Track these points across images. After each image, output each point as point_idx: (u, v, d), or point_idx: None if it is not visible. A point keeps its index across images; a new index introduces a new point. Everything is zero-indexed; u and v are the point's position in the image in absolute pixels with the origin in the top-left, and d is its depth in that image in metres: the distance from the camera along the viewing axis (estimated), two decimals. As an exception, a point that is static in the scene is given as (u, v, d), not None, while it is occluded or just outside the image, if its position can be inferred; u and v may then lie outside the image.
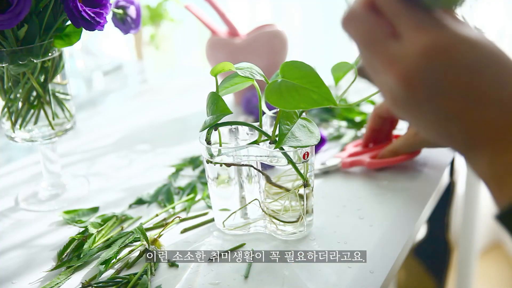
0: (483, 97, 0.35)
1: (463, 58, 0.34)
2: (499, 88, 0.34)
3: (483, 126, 0.35)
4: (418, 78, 0.35)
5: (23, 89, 0.66)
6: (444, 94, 0.35)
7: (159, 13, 1.23)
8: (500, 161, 0.35)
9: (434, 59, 0.34)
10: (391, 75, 0.36)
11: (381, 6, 0.37)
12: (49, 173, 0.75)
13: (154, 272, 0.57)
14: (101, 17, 0.62)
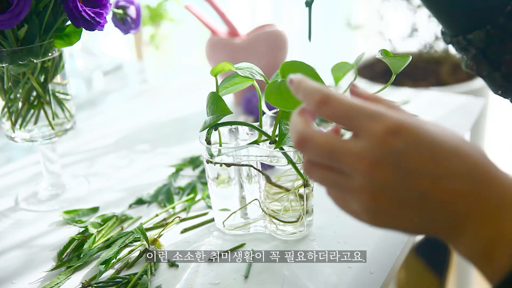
0: (447, 171, 0.36)
1: (419, 138, 0.36)
2: (459, 162, 0.36)
3: (458, 201, 0.36)
4: (384, 163, 0.36)
5: (23, 89, 0.66)
6: (413, 174, 0.36)
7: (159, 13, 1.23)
8: (484, 236, 0.35)
9: (392, 142, 0.36)
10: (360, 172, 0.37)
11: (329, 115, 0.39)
12: (49, 173, 0.75)
13: (154, 272, 0.57)
14: (101, 17, 0.62)
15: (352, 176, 0.38)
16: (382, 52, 0.55)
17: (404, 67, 0.55)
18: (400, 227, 0.39)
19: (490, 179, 0.36)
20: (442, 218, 0.36)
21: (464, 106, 0.96)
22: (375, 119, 0.37)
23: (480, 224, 0.35)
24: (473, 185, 0.36)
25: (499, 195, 0.36)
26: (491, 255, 0.35)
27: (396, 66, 0.55)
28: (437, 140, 0.37)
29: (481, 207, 0.35)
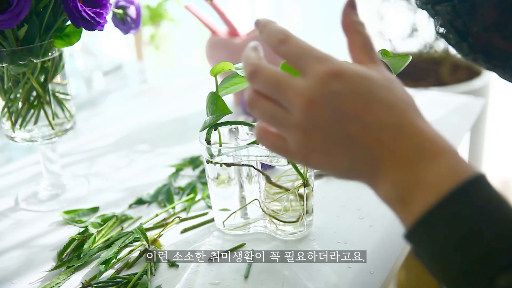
0: (377, 121, 0.38)
1: (357, 85, 0.38)
2: (391, 114, 0.38)
3: (382, 148, 0.38)
4: (319, 102, 0.38)
5: (23, 89, 0.66)
6: (345, 117, 0.38)
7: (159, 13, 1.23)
8: (402, 182, 0.37)
9: (330, 84, 0.38)
10: (298, 108, 0.39)
11: (284, 53, 0.42)
12: (49, 173, 0.75)
13: (154, 272, 0.57)
14: (101, 17, 0.62)
15: (291, 112, 0.40)
16: (382, 52, 0.55)
17: (404, 67, 0.55)
18: (329, 167, 0.41)
19: (416, 133, 0.38)
20: (366, 163, 0.39)
21: (464, 106, 0.96)
22: (321, 61, 0.39)
23: (399, 171, 0.37)
24: (399, 137, 0.38)
25: (421, 147, 0.37)
26: (407, 200, 0.37)
27: (396, 66, 0.55)
28: (376, 91, 0.39)
29: (402, 156, 0.37)
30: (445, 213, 0.35)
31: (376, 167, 0.39)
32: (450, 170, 0.36)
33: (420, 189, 0.36)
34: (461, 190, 0.35)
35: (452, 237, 0.35)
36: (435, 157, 0.37)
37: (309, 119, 0.39)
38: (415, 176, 0.37)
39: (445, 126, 0.88)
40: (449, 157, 0.37)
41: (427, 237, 0.36)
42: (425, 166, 0.37)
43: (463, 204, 0.35)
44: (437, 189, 0.36)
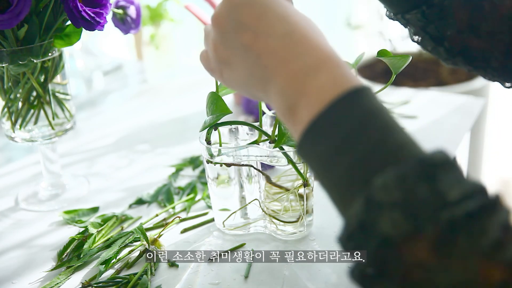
0: (269, 29, 0.39)
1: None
2: (284, 24, 0.39)
3: (270, 57, 0.39)
4: (222, 14, 0.42)
5: (23, 89, 0.66)
6: (240, 27, 0.40)
7: (159, 13, 1.23)
8: (289, 91, 0.38)
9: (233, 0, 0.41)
10: (211, 24, 0.43)
11: None
12: (49, 173, 0.75)
13: (154, 272, 0.57)
14: (101, 17, 0.62)
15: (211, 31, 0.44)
16: (382, 52, 0.55)
17: (404, 67, 0.55)
18: (235, 81, 0.43)
19: (304, 42, 0.39)
20: (258, 72, 0.40)
21: (464, 106, 0.96)
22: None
23: (287, 80, 0.38)
24: (287, 45, 0.39)
25: (308, 56, 0.38)
26: (295, 110, 0.38)
27: (396, 66, 0.55)
28: (272, 4, 0.40)
29: (289, 65, 0.38)
30: (327, 121, 0.36)
31: (267, 76, 0.40)
32: (335, 79, 0.37)
33: (305, 98, 0.37)
34: (343, 98, 0.36)
35: (333, 143, 0.35)
36: (321, 66, 0.37)
37: (216, 31, 0.42)
38: (301, 85, 0.37)
39: (445, 126, 0.88)
40: (335, 67, 0.37)
41: (312, 145, 0.36)
42: (310, 75, 0.37)
43: (344, 112, 0.35)
44: (320, 98, 0.36)
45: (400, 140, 0.35)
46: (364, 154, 0.34)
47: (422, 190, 0.32)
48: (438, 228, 0.30)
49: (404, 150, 0.34)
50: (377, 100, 0.37)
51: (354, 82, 0.37)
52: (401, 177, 0.32)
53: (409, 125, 0.89)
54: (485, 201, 0.31)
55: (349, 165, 0.34)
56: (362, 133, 0.35)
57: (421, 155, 0.34)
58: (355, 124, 0.35)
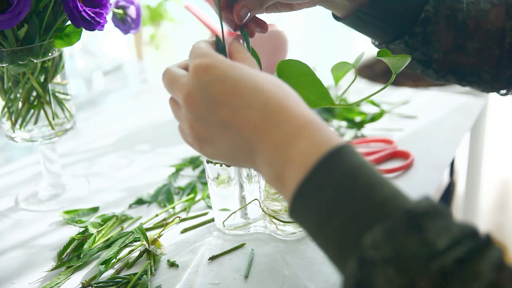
0: (245, 103, 0.40)
1: (224, 73, 0.41)
2: (258, 95, 0.40)
3: (251, 129, 0.40)
4: (194, 93, 0.41)
5: (23, 89, 0.66)
6: (216, 104, 0.41)
7: (159, 13, 1.23)
8: (274, 160, 0.39)
9: (201, 76, 0.41)
10: (181, 102, 0.43)
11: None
12: (49, 173, 0.75)
13: (154, 272, 0.57)
14: (101, 17, 0.62)
15: (181, 107, 0.43)
16: (381, 52, 0.55)
17: (404, 67, 0.55)
18: (219, 156, 0.44)
19: (281, 110, 0.39)
20: (242, 145, 0.41)
21: (464, 106, 0.96)
22: (199, 57, 0.42)
23: (270, 150, 0.39)
24: (265, 116, 0.39)
25: (287, 125, 0.39)
26: (282, 178, 0.39)
27: (396, 66, 0.55)
28: (242, 76, 0.41)
29: (270, 136, 0.39)
30: (312, 184, 0.36)
31: (252, 149, 0.40)
32: (314, 143, 0.38)
33: (290, 165, 0.38)
34: (324, 160, 0.37)
35: (321, 206, 0.36)
36: (300, 132, 0.38)
37: (190, 111, 0.42)
38: (284, 153, 0.38)
39: (445, 126, 0.88)
40: (312, 130, 0.38)
41: (303, 210, 0.37)
42: (291, 143, 0.38)
43: (327, 173, 0.36)
44: (303, 164, 0.37)
45: (385, 194, 0.35)
46: (351, 214, 0.35)
47: (411, 242, 0.32)
48: (431, 278, 0.31)
49: (389, 204, 0.34)
50: (358, 155, 0.37)
51: (334, 142, 0.38)
52: (389, 232, 0.33)
53: (409, 125, 0.89)
54: (474, 243, 0.32)
55: (339, 227, 0.35)
56: (346, 193, 0.35)
57: (406, 206, 0.34)
58: (339, 185, 0.36)
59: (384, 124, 0.89)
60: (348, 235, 0.35)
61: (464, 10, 0.57)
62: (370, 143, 0.83)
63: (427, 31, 0.57)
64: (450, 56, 0.58)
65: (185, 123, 0.43)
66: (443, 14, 0.57)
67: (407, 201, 0.35)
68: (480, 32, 0.56)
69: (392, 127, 0.88)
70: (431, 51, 0.58)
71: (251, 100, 0.40)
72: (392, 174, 0.73)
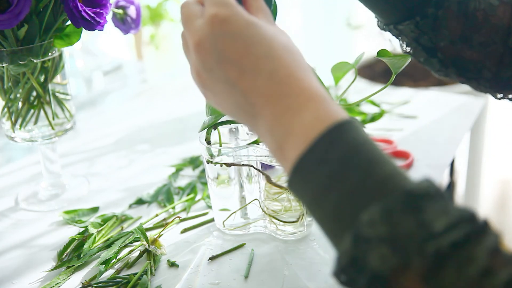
0: (254, 67, 0.39)
1: (239, 30, 0.40)
2: (269, 61, 0.39)
3: (256, 95, 0.39)
4: (206, 44, 0.40)
5: (23, 89, 0.66)
6: (225, 61, 0.40)
7: (159, 13, 1.23)
8: (276, 130, 0.39)
9: (215, 28, 0.40)
10: (191, 45, 0.42)
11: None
12: (49, 173, 0.75)
13: (154, 272, 0.57)
14: (101, 17, 0.62)
15: (190, 51, 0.42)
16: (381, 52, 0.55)
17: (404, 67, 0.55)
18: (220, 107, 0.43)
19: (289, 81, 0.39)
20: (245, 108, 0.40)
21: (464, 106, 0.96)
22: (217, 5, 0.41)
23: (273, 119, 0.39)
24: (272, 84, 0.39)
25: (293, 96, 0.38)
26: (283, 148, 0.38)
27: (396, 66, 0.55)
28: (258, 37, 0.40)
29: (274, 105, 0.39)
30: (313, 158, 0.36)
31: (254, 113, 0.40)
32: (318, 117, 0.37)
33: (292, 137, 0.38)
34: (326, 135, 0.36)
35: (320, 181, 0.36)
36: (305, 105, 0.38)
37: (198, 59, 0.41)
38: (287, 124, 0.38)
39: (445, 126, 0.88)
40: (318, 104, 0.38)
41: (302, 183, 0.37)
42: (295, 114, 0.38)
43: (328, 148, 0.36)
44: (305, 137, 0.37)
45: (385, 172, 0.35)
46: (350, 190, 0.35)
47: (408, 223, 0.32)
48: (425, 260, 0.31)
49: (389, 183, 0.34)
50: (361, 132, 0.37)
51: (338, 117, 0.37)
52: (386, 212, 0.32)
53: (409, 125, 0.89)
54: (471, 228, 0.31)
55: (337, 202, 0.35)
56: (346, 169, 0.35)
57: (406, 186, 0.34)
58: (339, 160, 0.35)
59: (384, 124, 0.89)
60: (345, 211, 0.34)
61: (476, 0, 0.57)
62: None
63: (439, 15, 0.57)
64: (455, 46, 0.58)
65: (193, 68, 0.43)
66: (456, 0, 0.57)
67: (407, 181, 0.35)
68: (487, 26, 0.56)
69: (392, 127, 0.88)
70: (438, 38, 0.58)
71: (260, 65, 0.39)
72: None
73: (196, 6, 0.43)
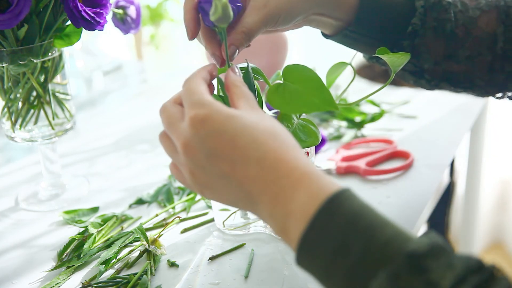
0: (243, 157, 0.40)
1: (221, 126, 0.41)
2: (255, 149, 0.40)
3: (251, 184, 0.40)
4: (193, 144, 0.42)
5: (23, 89, 0.66)
6: (215, 157, 0.41)
7: (159, 13, 1.23)
8: (276, 214, 0.40)
9: (198, 128, 0.41)
10: (179, 148, 0.43)
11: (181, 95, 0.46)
12: (49, 173, 0.75)
13: (154, 272, 0.57)
14: (101, 17, 0.62)
15: (179, 153, 0.43)
16: (381, 50, 0.55)
17: (404, 65, 0.55)
18: (220, 199, 0.44)
19: (278, 165, 0.40)
20: (243, 197, 0.42)
21: (464, 106, 0.96)
22: (194, 107, 0.42)
23: (271, 205, 0.40)
24: (263, 171, 0.40)
25: (285, 179, 0.39)
26: (285, 231, 0.39)
27: (395, 64, 0.55)
28: (240, 128, 0.41)
29: (270, 190, 0.40)
30: (314, 235, 0.37)
31: (253, 202, 0.41)
32: (311, 194, 0.38)
33: (291, 218, 0.39)
34: (323, 210, 0.37)
35: (324, 256, 0.36)
36: (296, 184, 0.39)
37: (189, 159, 0.42)
38: (285, 206, 0.39)
39: (445, 126, 0.88)
40: (309, 181, 0.39)
41: (309, 260, 0.38)
42: (290, 195, 0.39)
43: (327, 223, 0.37)
44: (304, 215, 0.38)
45: (386, 235, 0.35)
46: (355, 262, 0.35)
47: (416, 285, 0.32)
48: None
49: (391, 246, 0.35)
50: (356, 199, 0.38)
51: (331, 190, 0.38)
52: (393, 277, 0.33)
53: (409, 125, 0.89)
54: (479, 279, 0.32)
55: (344, 275, 0.35)
56: (348, 240, 0.36)
57: (408, 248, 0.34)
58: (340, 233, 0.36)
59: (384, 124, 0.89)
60: (354, 282, 0.35)
61: (452, 20, 0.56)
62: (370, 143, 0.83)
63: (415, 44, 0.57)
64: (441, 65, 0.58)
65: (185, 169, 0.44)
66: (431, 26, 0.56)
67: (408, 240, 0.35)
68: (470, 39, 0.56)
69: (392, 127, 0.88)
70: (421, 62, 0.58)
71: (248, 154, 0.40)
72: (392, 174, 0.73)
73: (175, 108, 0.45)
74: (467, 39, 0.56)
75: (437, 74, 0.59)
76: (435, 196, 0.72)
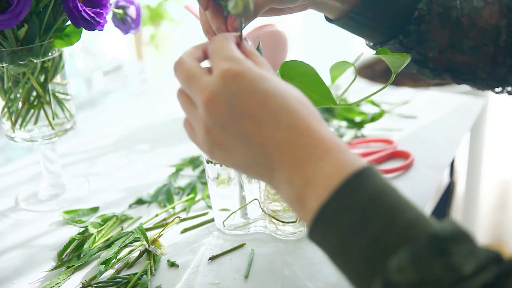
0: (272, 120, 0.39)
1: (254, 85, 0.40)
2: (286, 114, 0.39)
3: (275, 147, 0.39)
4: (219, 99, 0.40)
5: (23, 89, 0.66)
6: (241, 115, 0.40)
7: (159, 13, 1.23)
8: (295, 180, 0.39)
9: (229, 83, 0.40)
10: (200, 103, 0.41)
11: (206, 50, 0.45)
12: (49, 173, 0.75)
13: (154, 272, 0.57)
14: (101, 17, 0.62)
15: (197, 107, 0.42)
16: (381, 50, 0.55)
17: (404, 66, 0.55)
18: (231, 163, 0.43)
19: (308, 132, 0.39)
20: (261, 161, 0.40)
21: (464, 106, 0.96)
22: (227, 60, 0.41)
23: (292, 170, 0.39)
24: (291, 136, 0.39)
25: (311, 146, 0.39)
26: (303, 199, 0.38)
27: (396, 65, 0.55)
28: (272, 90, 0.40)
29: (293, 155, 0.39)
30: (336, 207, 0.36)
31: (272, 166, 0.40)
32: (338, 166, 0.38)
33: (312, 187, 0.38)
34: (348, 183, 0.37)
35: (343, 230, 0.36)
36: (325, 154, 0.38)
37: (209, 115, 0.40)
38: (307, 174, 0.38)
39: (445, 126, 0.88)
40: (337, 153, 0.38)
41: (324, 232, 0.37)
42: (315, 164, 0.38)
43: (350, 197, 0.36)
44: (326, 186, 0.37)
45: (410, 217, 0.35)
46: (375, 236, 0.35)
47: (437, 267, 0.32)
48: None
49: (414, 227, 0.34)
50: (382, 178, 0.37)
51: (358, 165, 0.38)
52: (414, 256, 0.33)
53: (409, 125, 0.89)
54: (500, 269, 0.32)
55: (362, 249, 0.35)
56: (370, 216, 0.35)
57: (432, 230, 0.34)
58: (363, 208, 0.36)
59: (384, 124, 0.89)
60: (372, 258, 0.35)
61: (458, 8, 0.56)
62: (370, 143, 0.83)
63: (421, 30, 0.57)
64: (445, 54, 0.58)
65: (200, 125, 0.42)
66: (437, 12, 0.57)
67: (431, 224, 0.35)
68: (475, 30, 0.56)
69: (392, 127, 0.88)
70: (426, 50, 0.58)
71: (279, 118, 0.39)
72: (392, 174, 0.73)
73: (194, 62, 0.43)
74: (471, 29, 0.56)
75: (441, 63, 0.59)
76: (435, 196, 0.72)
